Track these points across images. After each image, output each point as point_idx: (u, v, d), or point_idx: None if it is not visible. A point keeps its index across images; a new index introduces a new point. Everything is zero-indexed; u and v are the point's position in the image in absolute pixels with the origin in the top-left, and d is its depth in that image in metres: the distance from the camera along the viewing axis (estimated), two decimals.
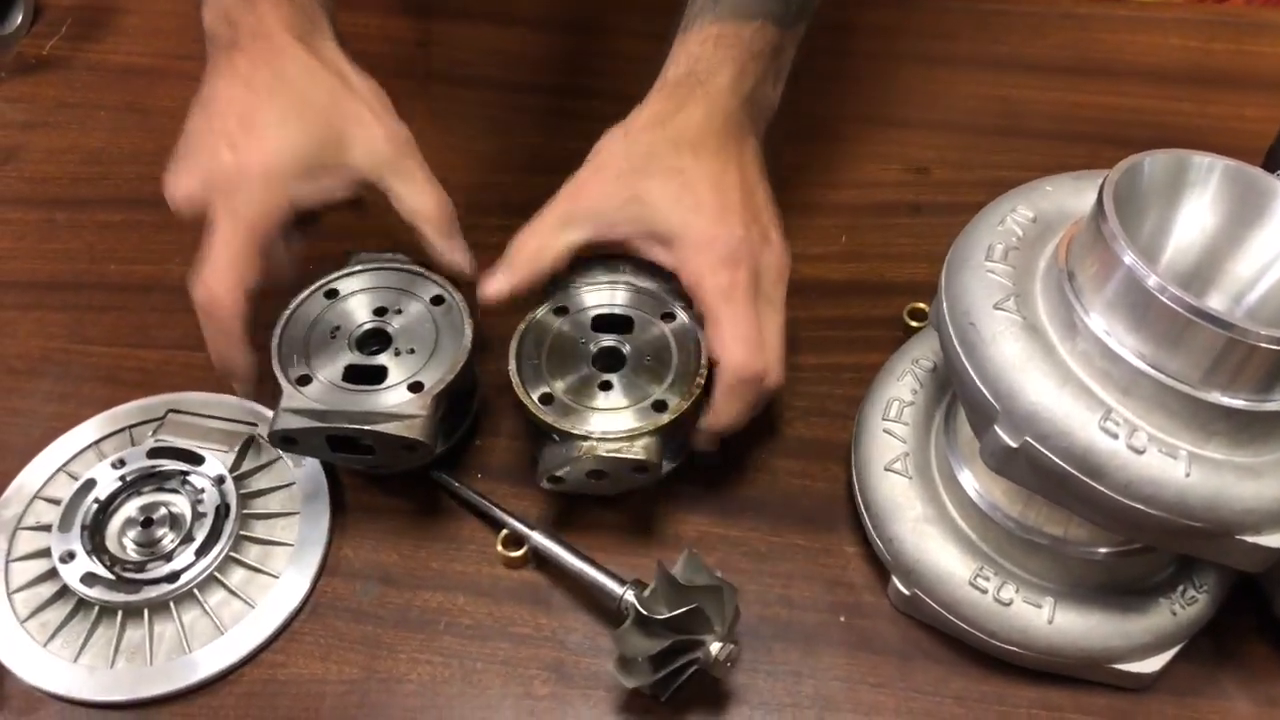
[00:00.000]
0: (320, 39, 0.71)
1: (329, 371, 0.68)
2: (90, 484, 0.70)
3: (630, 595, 0.63)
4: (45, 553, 0.68)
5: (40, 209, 0.89)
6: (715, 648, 0.60)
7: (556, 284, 0.72)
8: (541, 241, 0.69)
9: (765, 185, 0.72)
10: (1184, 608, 0.63)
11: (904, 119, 0.98)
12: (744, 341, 0.66)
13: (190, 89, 0.71)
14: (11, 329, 0.82)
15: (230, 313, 0.65)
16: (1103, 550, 0.62)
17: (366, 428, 0.64)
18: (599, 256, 0.73)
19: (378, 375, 0.68)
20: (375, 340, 0.70)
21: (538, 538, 0.68)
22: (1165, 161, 0.56)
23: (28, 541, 0.70)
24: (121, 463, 0.71)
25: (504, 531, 0.69)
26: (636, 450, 0.64)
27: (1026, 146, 0.95)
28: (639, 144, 0.70)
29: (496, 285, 0.69)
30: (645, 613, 0.59)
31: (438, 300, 0.71)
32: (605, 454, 0.64)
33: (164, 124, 0.95)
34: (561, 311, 0.71)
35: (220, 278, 0.64)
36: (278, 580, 0.68)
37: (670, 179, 0.68)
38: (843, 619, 0.68)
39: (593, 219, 0.69)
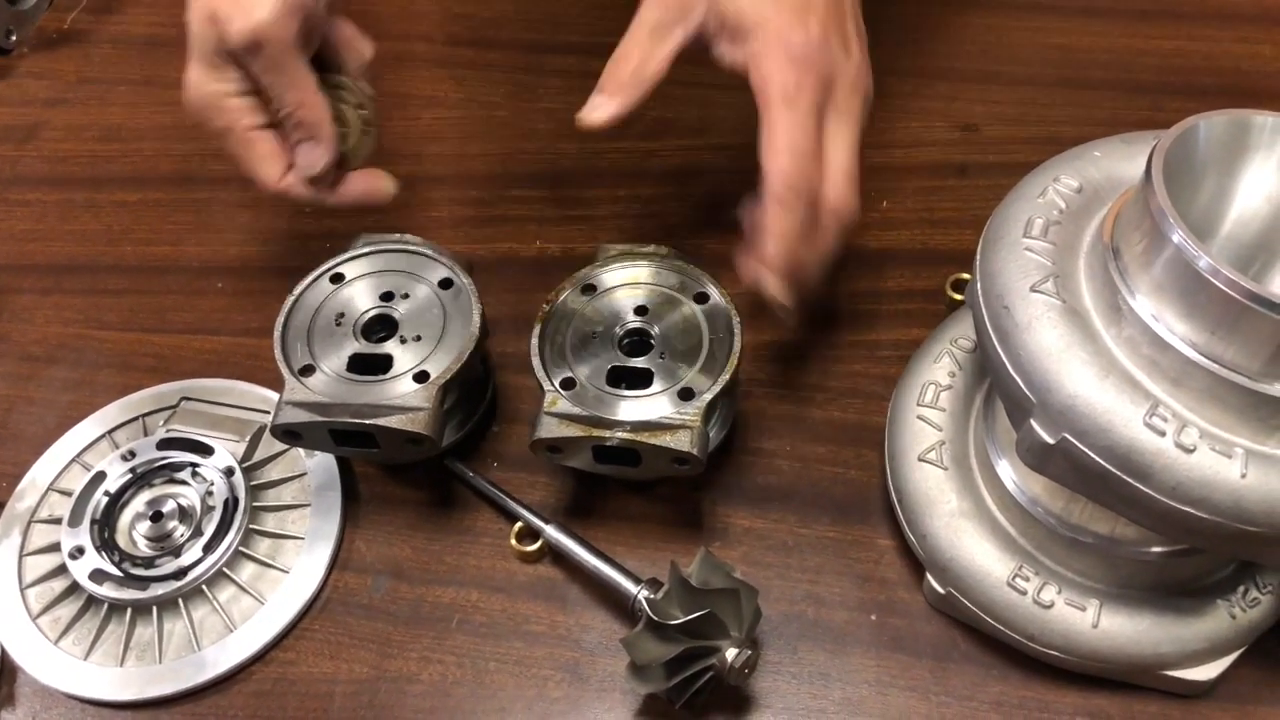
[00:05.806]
0: None
1: (333, 361, 0.65)
2: (100, 477, 0.69)
3: (643, 597, 0.60)
4: (57, 547, 0.67)
5: (59, 189, 0.88)
6: (731, 654, 0.56)
7: (592, 260, 0.70)
8: (643, 55, 0.65)
9: (856, 2, 0.67)
10: (1245, 610, 0.58)
11: (951, 71, 0.92)
12: (793, 150, 0.61)
13: None
14: (29, 314, 0.81)
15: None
16: (1155, 550, 0.57)
17: (368, 421, 0.61)
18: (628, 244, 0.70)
19: (383, 364, 0.65)
20: (381, 327, 0.67)
21: (551, 531, 0.65)
22: (1224, 124, 0.51)
23: (41, 535, 0.69)
24: (132, 454, 0.70)
25: (518, 524, 0.67)
26: (680, 441, 0.60)
27: (1086, 99, 0.89)
28: None
29: (601, 112, 0.65)
30: (656, 617, 0.56)
31: (446, 284, 0.68)
32: (645, 440, 0.60)
33: (180, 97, 0.93)
34: (589, 290, 0.68)
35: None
36: (288, 575, 0.66)
37: None
38: (874, 617, 0.64)
39: (679, 15, 0.64)
